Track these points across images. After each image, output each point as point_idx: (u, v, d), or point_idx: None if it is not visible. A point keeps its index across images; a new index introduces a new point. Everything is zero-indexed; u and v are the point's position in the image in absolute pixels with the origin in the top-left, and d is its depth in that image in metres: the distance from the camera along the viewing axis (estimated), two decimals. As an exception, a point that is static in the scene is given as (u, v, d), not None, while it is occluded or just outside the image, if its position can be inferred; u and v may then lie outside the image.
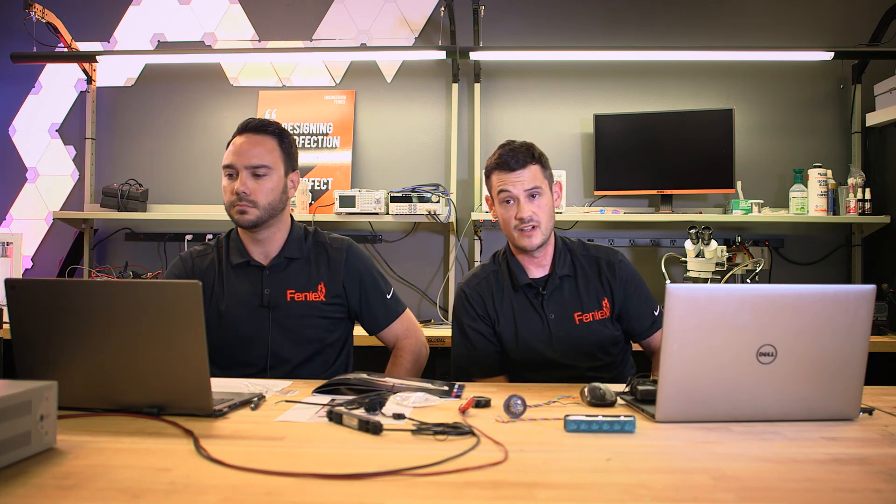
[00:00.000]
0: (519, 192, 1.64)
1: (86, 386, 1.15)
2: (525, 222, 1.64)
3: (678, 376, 1.12)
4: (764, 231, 3.08)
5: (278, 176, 1.66)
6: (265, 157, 1.63)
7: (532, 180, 1.64)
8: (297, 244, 1.72)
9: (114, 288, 1.15)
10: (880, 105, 2.87)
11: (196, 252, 1.76)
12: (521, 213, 1.63)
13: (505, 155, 1.66)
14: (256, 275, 1.69)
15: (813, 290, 1.13)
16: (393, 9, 3.24)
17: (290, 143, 1.72)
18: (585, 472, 0.90)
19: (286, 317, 1.67)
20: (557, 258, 1.73)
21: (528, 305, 1.73)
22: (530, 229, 1.64)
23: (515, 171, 1.64)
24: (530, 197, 1.65)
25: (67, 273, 3.16)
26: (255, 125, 1.67)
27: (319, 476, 0.85)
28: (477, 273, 1.81)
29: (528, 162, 1.65)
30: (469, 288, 1.78)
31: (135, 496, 0.79)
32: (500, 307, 1.74)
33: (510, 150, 1.66)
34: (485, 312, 1.75)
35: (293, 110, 3.22)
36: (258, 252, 1.70)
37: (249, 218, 1.62)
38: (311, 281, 1.70)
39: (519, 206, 1.64)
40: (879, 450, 1.00)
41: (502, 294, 1.75)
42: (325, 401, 1.24)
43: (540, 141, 3.12)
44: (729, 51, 2.90)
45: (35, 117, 3.36)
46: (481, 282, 1.77)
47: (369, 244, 3.18)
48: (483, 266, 1.82)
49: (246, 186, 1.61)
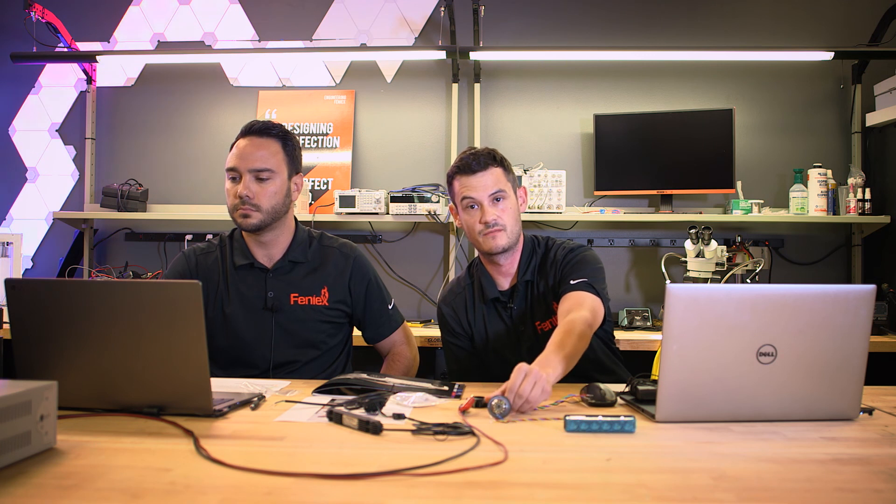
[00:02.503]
0: (482, 196, 1.60)
1: (86, 386, 1.15)
2: (489, 227, 1.60)
3: (678, 376, 1.12)
4: (764, 231, 3.08)
5: (281, 179, 1.65)
6: (268, 160, 1.62)
7: (495, 183, 1.61)
8: (301, 248, 1.71)
9: (114, 288, 1.15)
10: (880, 105, 2.87)
11: (199, 249, 1.75)
12: (486, 217, 1.60)
13: (466, 158, 1.62)
14: (260, 277, 1.69)
15: (813, 290, 1.13)
16: (393, 9, 3.24)
17: (293, 145, 1.70)
18: (585, 472, 0.90)
19: (289, 320, 1.67)
20: (521, 265, 1.70)
21: (498, 318, 1.72)
22: (495, 231, 1.61)
23: (477, 174, 1.61)
24: (494, 201, 1.61)
25: (67, 273, 3.16)
26: (259, 128, 1.65)
27: (319, 476, 0.85)
28: (452, 288, 1.81)
29: (490, 164, 1.62)
30: (445, 305, 1.78)
31: (135, 496, 0.79)
32: (472, 320, 1.74)
33: (472, 154, 1.63)
34: (460, 328, 1.75)
35: (293, 110, 3.22)
36: (262, 254, 1.70)
37: (252, 222, 1.61)
38: (314, 285, 1.70)
39: (483, 210, 1.61)
40: (879, 450, 1.00)
41: (474, 307, 1.74)
42: (325, 401, 1.24)
43: (540, 141, 3.16)
44: (729, 51, 2.90)
45: (35, 117, 3.36)
46: (456, 297, 1.77)
47: (369, 244, 3.18)
48: (458, 279, 1.82)
49: (249, 190, 1.59)
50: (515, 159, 3.07)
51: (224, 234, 1.77)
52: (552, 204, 2.88)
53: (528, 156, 3.11)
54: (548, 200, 2.89)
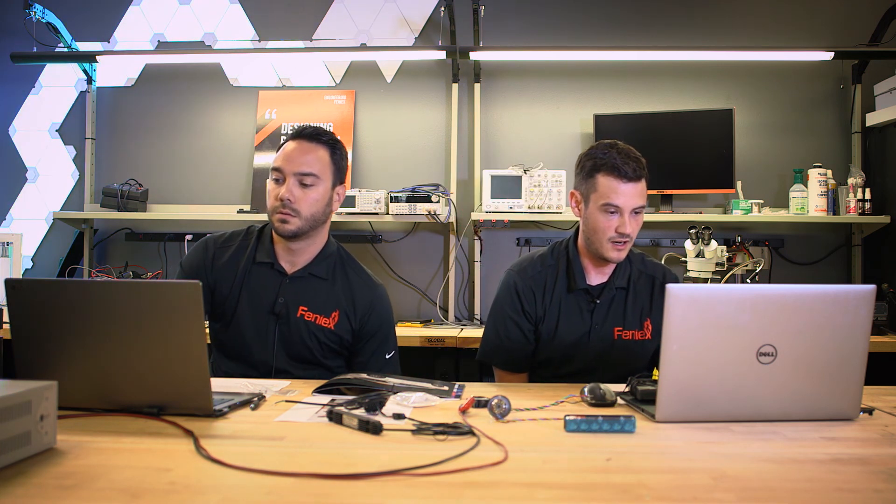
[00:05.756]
0: (627, 207, 1.56)
1: (86, 386, 1.15)
2: (624, 237, 1.58)
3: (678, 376, 1.12)
4: (764, 231, 3.08)
5: (325, 187, 1.61)
6: (314, 165, 1.59)
7: (641, 197, 1.58)
8: (325, 263, 1.67)
9: (114, 288, 1.15)
10: (880, 105, 2.87)
11: (220, 241, 1.70)
12: (625, 229, 1.56)
13: (619, 160, 1.56)
14: (276, 280, 1.64)
15: (813, 290, 1.13)
16: (393, 9, 3.24)
17: (341, 155, 1.66)
18: (585, 472, 0.90)
19: (291, 332, 1.63)
20: (618, 269, 1.69)
21: (577, 309, 1.68)
22: (623, 245, 1.59)
23: (630, 184, 1.56)
24: (634, 213, 1.58)
25: (67, 273, 3.16)
26: (310, 133, 1.62)
27: (319, 476, 0.85)
28: (534, 264, 1.72)
29: (642, 176, 1.58)
30: (522, 280, 1.70)
31: (135, 496, 0.79)
32: (548, 305, 1.69)
33: (625, 156, 1.57)
34: (532, 308, 1.69)
35: (293, 110, 3.22)
36: (285, 259, 1.66)
37: (290, 228, 1.57)
38: (327, 306, 1.65)
39: (623, 220, 1.57)
40: (879, 450, 1.00)
41: (553, 292, 1.69)
42: (325, 401, 1.24)
43: (540, 141, 3.17)
44: (729, 51, 2.90)
45: (35, 117, 3.37)
46: (537, 275, 1.70)
47: (369, 244, 3.18)
48: (542, 257, 1.74)
49: (291, 194, 1.56)
50: (515, 159, 3.07)
51: (255, 227, 1.72)
52: (552, 204, 2.88)
53: (528, 156, 3.10)
54: (548, 200, 2.89)
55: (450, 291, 3.09)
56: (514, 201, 2.90)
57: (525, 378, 1.74)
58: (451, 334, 2.58)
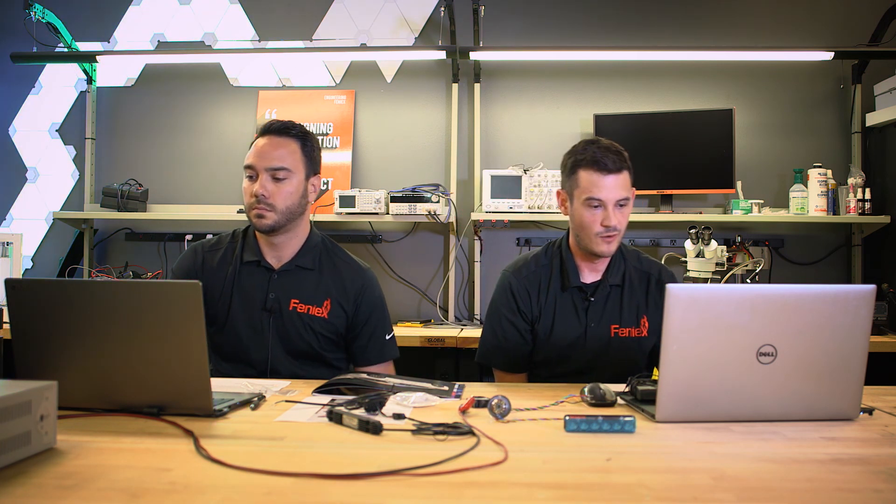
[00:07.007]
0: (610, 200, 1.57)
1: (86, 386, 1.15)
2: (610, 230, 1.58)
3: (678, 376, 1.12)
4: (764, 231, 3.08)
5: (298, 179, 1.63)
6: (286, 159, 1.61)
7: (624, 189, 1.59)
8: (311, 254, 1.69)
9: (114, 288, 1.15)
10: (880, 105, 2.87)
11: (208, 246, 1.73)
12: (610, 222, 1.57)
13: (598, 153, 1.57)
14: (264, 276, 1.66)
15: (813, 290, 1.13)
16: (393, 9, 3.24)
17: (312, 146, 1.68)
18: (585, 472, 0.90)
19: (285, 325, 1.64)
20: (612, 266, 1.69)
21: (572, 308, 1.69)
22: (611, 238, 1.59)
23: (610, 176, 1.57)
24: (618, 206, 1.59)
25: (67, 273, 3.16)
26: (278, 127, 1.64)
27: (319, 476, 0.85)
28: (528, 265, 1.73)
29: (623, 168, 1.59)
30: (517, 280, 1.71)
31: (135, 496, 0.79)
32: (543, 304, 1.69)
33: (603, 150, 1.58)
34: (527, 308, 1.70)
35: (293, 110, 3.22)
36: (271, 255, 1.68)
37: (267, 222, 1.59)
38: (317, 295, 1.67)
39: (607, 213, 1.57)
40: (879, 450, 1.00)
41: (548, 291, 1.70)
42: (325, 401, 1.24)
43: (540, 141, 3.16)
44: (729, 51, 2.90)
45: (35, 117, 3.37)
46: (531, 275, 1.71)
47: (369, 244, 3.18)
48: (535, 257, 1.74)
49: (265, 189, 1.58)
50: (515, 159, 3.07)
51: (239, 229, 1.75)
52: (552, 204, 2.88)
53: (528, 156, 3.10)
54: (548, 200, 2.89)
55: (450, 291, 3.10)
56: (514, 201, 2.90)
57: (524, 378, 1.74)
58: (450, 334, 2.58)
